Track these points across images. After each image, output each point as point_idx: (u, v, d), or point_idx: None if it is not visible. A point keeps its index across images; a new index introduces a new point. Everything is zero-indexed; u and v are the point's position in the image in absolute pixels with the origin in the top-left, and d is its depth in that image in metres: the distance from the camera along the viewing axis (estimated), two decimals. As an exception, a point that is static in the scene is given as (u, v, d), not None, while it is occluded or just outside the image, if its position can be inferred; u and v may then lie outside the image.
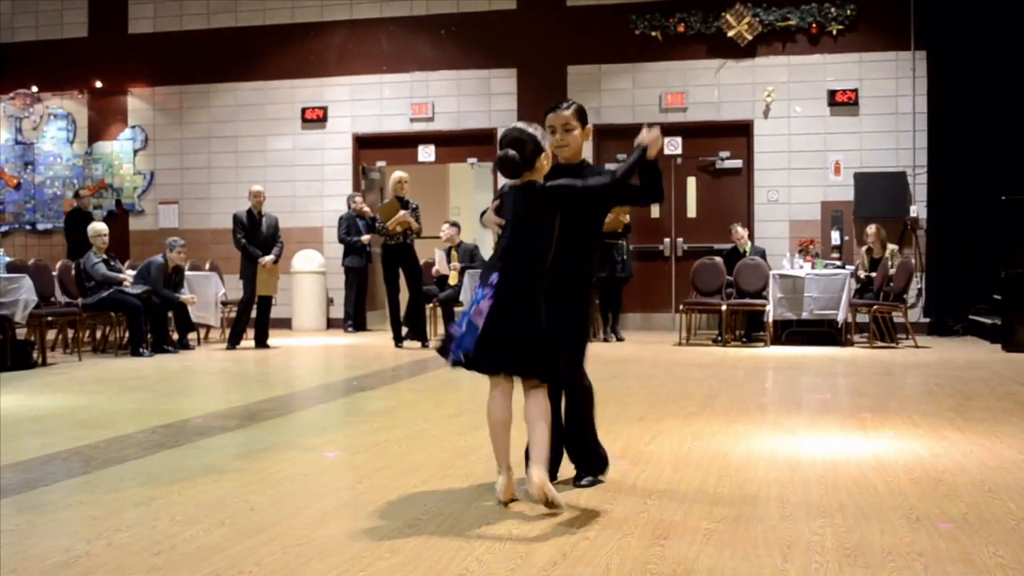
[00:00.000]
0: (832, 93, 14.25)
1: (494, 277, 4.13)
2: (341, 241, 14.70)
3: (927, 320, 13.79)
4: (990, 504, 4.30)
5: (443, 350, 4.30)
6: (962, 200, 13.55)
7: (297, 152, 15.93)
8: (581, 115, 4.60)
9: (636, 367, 10.11)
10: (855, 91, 14.19)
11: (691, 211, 14.88)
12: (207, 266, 14.36)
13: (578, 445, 4.69)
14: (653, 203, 4.67)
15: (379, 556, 3.62)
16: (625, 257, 13.15)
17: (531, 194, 4.20)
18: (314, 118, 15.84)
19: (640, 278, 14.12)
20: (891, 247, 13.02)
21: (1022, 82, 13.32)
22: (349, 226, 14.65)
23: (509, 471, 4.29)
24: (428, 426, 6.55)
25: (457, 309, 13.55)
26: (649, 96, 14.75)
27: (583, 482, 4.63)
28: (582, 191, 4.23)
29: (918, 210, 13.93)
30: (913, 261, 13.04)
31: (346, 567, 3.49)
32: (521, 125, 4.25)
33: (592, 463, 4.70)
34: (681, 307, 12.97)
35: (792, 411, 7.14)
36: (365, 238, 14.58)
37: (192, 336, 12.73)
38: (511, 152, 4.15)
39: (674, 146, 14.59)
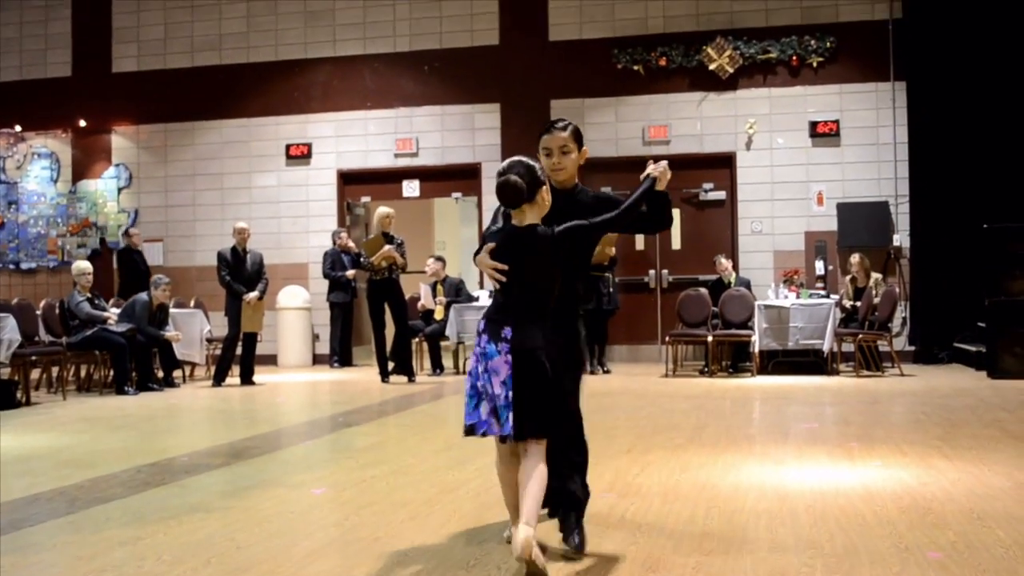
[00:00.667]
0: (813, 124, 14.35)
1: (507, 332, 3.85)
2: (326, 276, 14.69)
3: (912, 348, 13.83)
4: (978, 532, 4.30)
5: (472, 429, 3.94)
6: (944, 229, 13.63)
7: (282, 188, 15.93)
8: (578, 137, 4.36)
9: (623, 399, 10.10)
10: (836, 122, 14.29)
11: (676, 243, 14.92)
12: (192, 303, 14.31)
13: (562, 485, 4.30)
14: (662, 230, 4.45)
15: (367, 593, 3.59)
16: (611, 290, 13.18)
17: (535, 239, 3.92)
18: (299, 154, 15.86)
19: (626, 310, 14.15)
20: (875, 276, 13.08)
21: (1000, 111, 13.44)
22: (334, 261, 14.65)
23: (527, 527, 3.94)
24: (415, 461, 6.52)
25: (444, 344, 13.56)
26: (632, 129, 14.84)
27: (576, 542, 4.13)
28: (591, 229, 4.00)
29: (901, 239, 14.00)
30: (897, 290, 13.09)
31: (334, 605, 3.47)
32: (522, 158, 4.01)
33: (572, 500, 4.29)
34: (667, 339, 12.98)
35: (780, 441, 7.14)
36: (350, 273, 14.57)
37: (177, 374, 12.67)
38: (513, 177, 3.90)
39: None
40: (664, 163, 4.20)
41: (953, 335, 13.53)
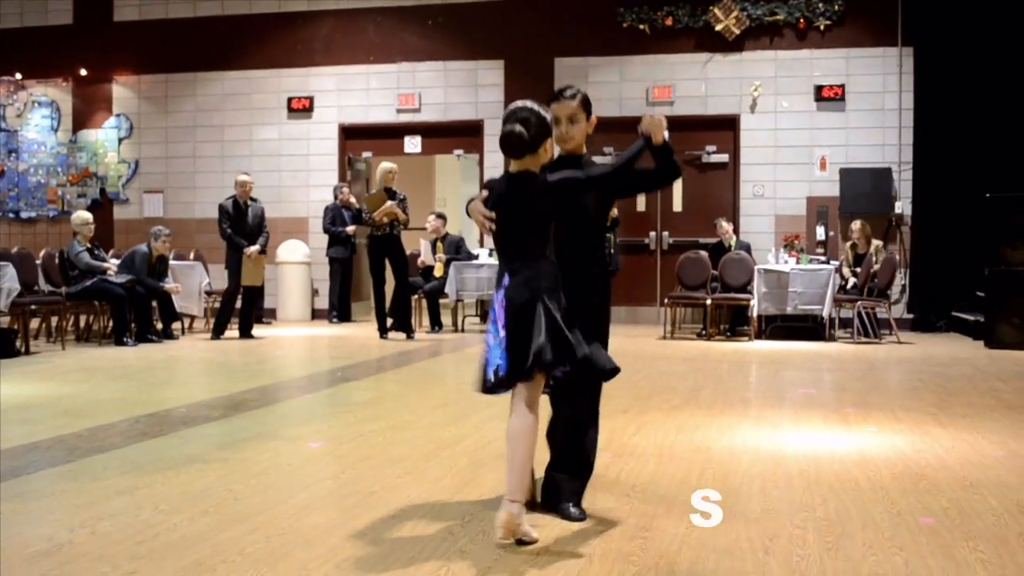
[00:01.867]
0: (819, 88, 14.28)
1: (505, 279, 3.84)
2: (326, 231, 14.67)
3: (911, 316, 13.85)
4: (971, 499, 4.34)
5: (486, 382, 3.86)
6: (947, 197, 13.60)
7: (283, 142, 15.88)
8: (587, 105, 4.21)
9: (620, 360, 10.04)
10: (842, 87, 14.22)
11: (677, 205, 14.90)
12: (191, 256, 14.32)
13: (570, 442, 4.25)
14: (672, 181, 4.22)
15: (361, 546, 3.63)
16: (613, 251, 13.14)
17: (527, 183, 3.86)
18: (300, 108, 15.79)
19: (625, 272, 14.13)
20: (876, 243, 13.07)
21: (1009, 79, 13.37)
22: (334, 216, 14.62)
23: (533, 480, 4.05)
24: (412, 417, 6.55)
25: (443, 301, 13.58)
26: (636, 89, 14.76)
27: (573, 512, 4.03)
28: (586, 182, 3.93)
29: (903, 206, 13.98)
30: (897, 257, 13.09)
31: (328, 556, 3.51)
32: (531, 104, 3.89)
33: (580, 465, 4.23)
34: (666, 301, 13.00)
35: (775, 405, 7.17)
36: (350, 229, 14.56)
37: (176, 326, 12.69)
38: (519, 128, 3.78)
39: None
40: (656, 116, 4.02)
41: (952, 304, 13.55)
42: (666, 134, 4.00)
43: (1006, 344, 11.11)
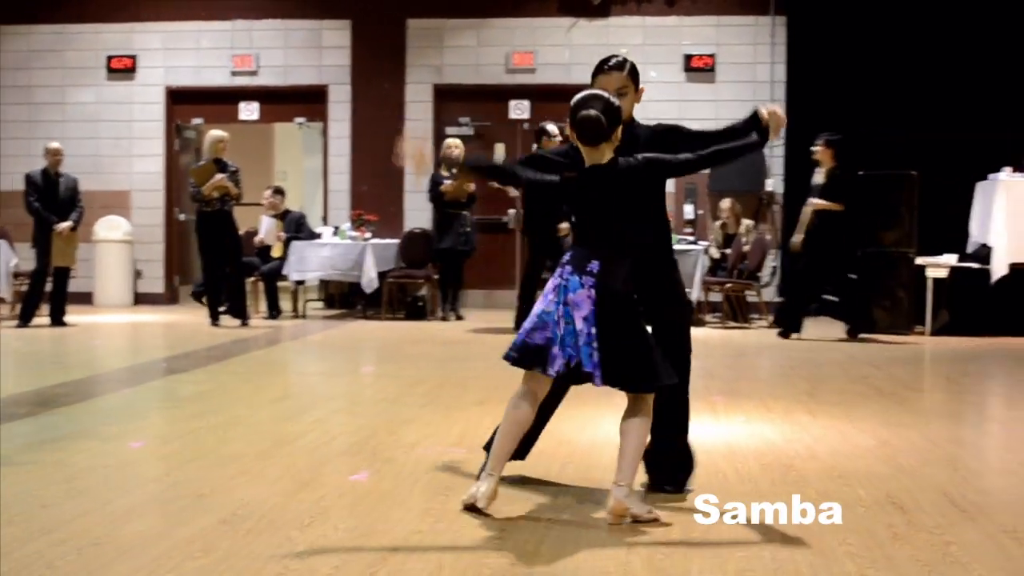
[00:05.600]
0: (688, 58, 14.56)
1: (593, 266, 3.96)
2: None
3: (782, 299, 14.26)
4: (840, 491, 4.50)
5: (525, 352, 4.16)
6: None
7: (102, 106, 15.40)
8: (635, 76, 4.40)
9: (477, 348, 10.18)
10: (712, 56, 14.53)
11: (538, 181, 15.01)
12: (-5, 233, 13.80)
13: (666, 446, 4.54)
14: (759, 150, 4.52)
15: (189, 555, 3.57)
16: (468, 229, 13.16)
17: (618, 173, 4.02)
18: (121, 68, 15.32)
19: (483, 252, 14.16)
20: (746, 222, 13.40)
21: (882, 53, 13.85)
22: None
23: (498, 479, 4.11)
24: (247, 412, 6.48)
25: (282, 284, 13.40)
26: (495, 55, 14.80)
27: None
28: (675, 166, 4.15)
29: (774, 184, 14.38)
30: (768, 237, 13.46)
31: (151, 568, 3.43)
32: (599, 92, 4.09)
33: (676, 469, 4.56)
34: (526, 283, 13.07)
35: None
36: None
37: (-23, 312, 12.24)
38: (596, 112, 3.97)
39: (521, 110, 14.69)
40: (781, 114, 4.18)
41: (824, 287, 13.97)
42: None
43: (878, 328, 11.54)
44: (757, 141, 4.26)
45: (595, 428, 5.96)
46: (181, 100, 15.47)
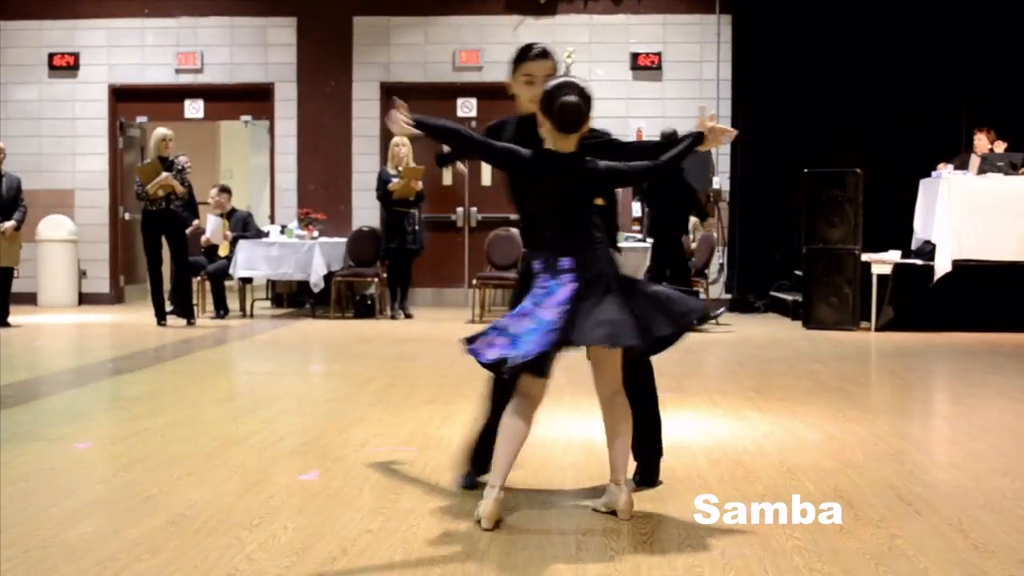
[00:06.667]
0: (635, 56, 14.63)
1: (564, 262, 3.95)
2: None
3: (728, 296, 14.38)
4: (788, 486, 4.55)
5: (478, 344, 4.26)
6: (766, 172, 14.16)
7: (44, 104, 15.20)
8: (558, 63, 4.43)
9: (426, 346, 10.16)
10: (659, 55, 14.61)
11: (486, 179, 14.96)
12: (-65, 232, 13.58)
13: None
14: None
15: (137, 557, 3.54)
16: (417, 227, 13.14)
17: (582, 170, 4.04)
18: (64, 65, 15.13)
19: (432, 250, 14.15)
20: (693, 220, 13.49)
21: (829, 52, 14.00)
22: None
23: (501, 493, 3.97)
24: (194, 412, 6.43)
25: (229, 283, 13.30)
26: (442, 53, 14.78)
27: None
28: (631, 175, 4.33)
29: (721, 181, 14.49)
30: (715, 235, 13.55)
31: (99, 570, 3.40)
32: (571, 79, 4.11)
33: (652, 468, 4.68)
34: (475, 281, 13.09)
35: (589, 392, 7.26)
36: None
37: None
38: (578, 99, 4.01)
39: (468, 108, 14.70)
40: (728, 129, 4.35)
41: (771, 283, 14.14)
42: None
43: (824, 324, 11.66)
44: (698, 133, 4.30)
45: (546, 425, 5.96)
46: (125, 98, 15.30)
